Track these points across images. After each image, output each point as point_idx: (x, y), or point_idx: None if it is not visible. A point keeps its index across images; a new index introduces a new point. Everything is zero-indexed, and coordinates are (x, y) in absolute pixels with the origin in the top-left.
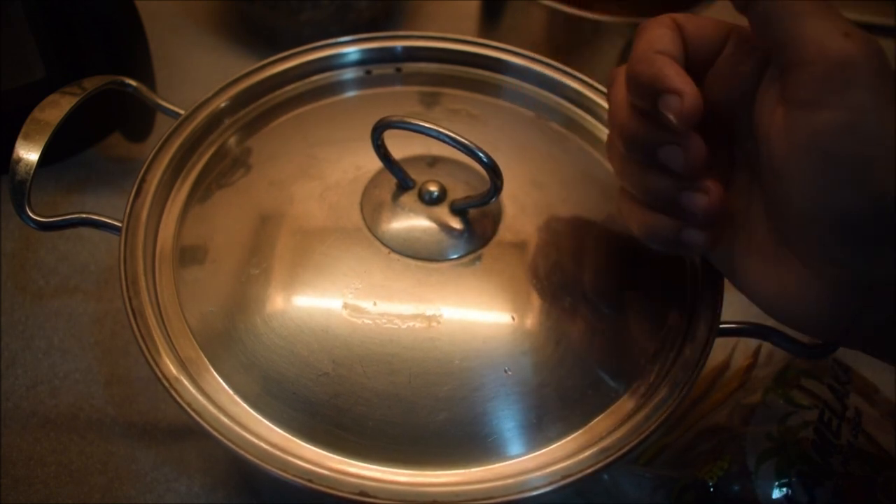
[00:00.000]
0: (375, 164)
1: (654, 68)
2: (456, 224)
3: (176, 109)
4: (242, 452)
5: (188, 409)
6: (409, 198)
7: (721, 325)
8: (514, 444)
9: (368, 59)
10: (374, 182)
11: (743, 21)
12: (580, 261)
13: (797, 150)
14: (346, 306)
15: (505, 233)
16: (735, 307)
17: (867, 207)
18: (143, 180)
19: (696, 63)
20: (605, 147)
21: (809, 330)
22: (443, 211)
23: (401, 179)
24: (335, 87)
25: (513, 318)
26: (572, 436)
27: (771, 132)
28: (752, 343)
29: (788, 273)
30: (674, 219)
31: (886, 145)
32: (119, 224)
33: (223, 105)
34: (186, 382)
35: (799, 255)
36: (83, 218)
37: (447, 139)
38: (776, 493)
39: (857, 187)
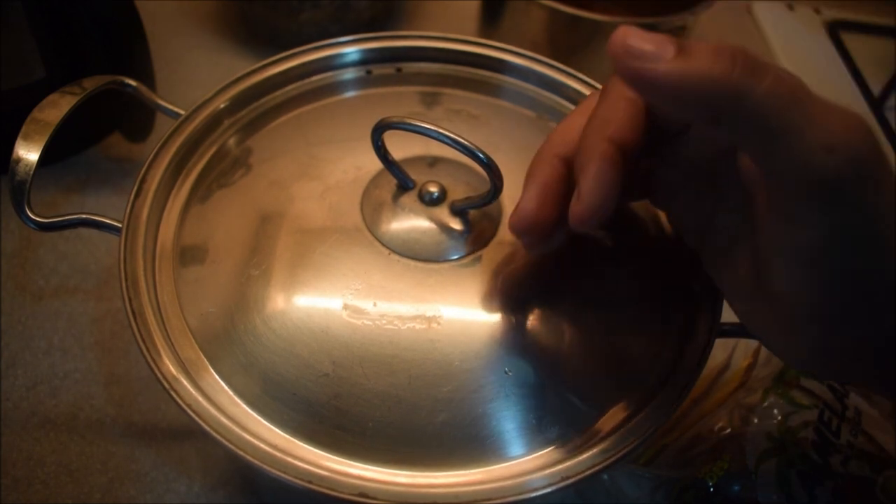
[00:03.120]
0: (376, 164)
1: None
2: (456, 225)
3: (176, 109)
4: (242, 454)
5: (188, 410)
6: (409, 198)
7: (721, 327)
8: (514, 446)
9: (368, 59)
10: (374, 182)
11: None
12: (581, 262)
13: (777, 250)
14: (345, 307)
15: (505, 233)
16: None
17: (851, 302)
18: (143, 180)
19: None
20: None
21: (792, 365)
22: (443, 212)
23: (401, 180)
24: (335, 87)
25: (513, 320)
26: (572, 437)
27: (758, 221)
28: (752, 343)
29: (768, 319)
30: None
31: (876, 256)
32: (119, 224)
33: (223, 105)
34: (186, 383)
35: (779, 319)
36: (83, 218)
37: (447, 140)
38: (776, 493)
39: (843, 290)
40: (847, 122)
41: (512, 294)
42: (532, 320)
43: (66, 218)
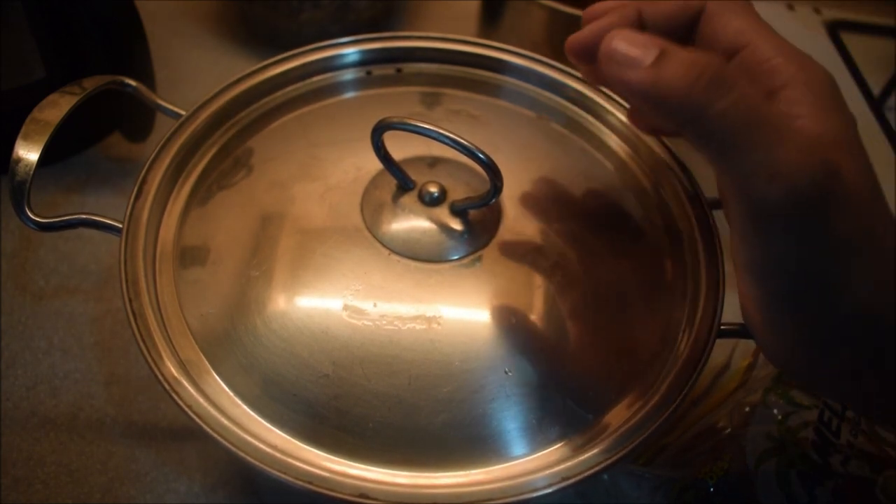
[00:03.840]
0: (376, 164)
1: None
2: (456, 225)
3: (176, 110)
4: (242, 454)
5: (188, 412)
6: (409, 199)
7: (721, 327)
8: (515, 446)
9: (369, 60)
10: (374, 183)
11: None
12: (581, 262)
13: (736, 260)
14: (346, 308)
15: (505, 234)
16: (735, 308)
17: (797, 331)
18: (143, 181)
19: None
20: None
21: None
22: (443, 212)
23: (401, 180)
24: (335, 88)
25: (513, 320)
26: (573, 437)
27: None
28: (752, 343)
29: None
30: None
31: (819, 290)
32: (119, 225)
33: (224, 106)
34: (187, 384)
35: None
36: (83, 219)
37: (446, 140)
38: (776, 493)
39: (790, 316)
40: (804, 152)
41: (512, 294)
42: (532, 320)
43: (66, 218)
